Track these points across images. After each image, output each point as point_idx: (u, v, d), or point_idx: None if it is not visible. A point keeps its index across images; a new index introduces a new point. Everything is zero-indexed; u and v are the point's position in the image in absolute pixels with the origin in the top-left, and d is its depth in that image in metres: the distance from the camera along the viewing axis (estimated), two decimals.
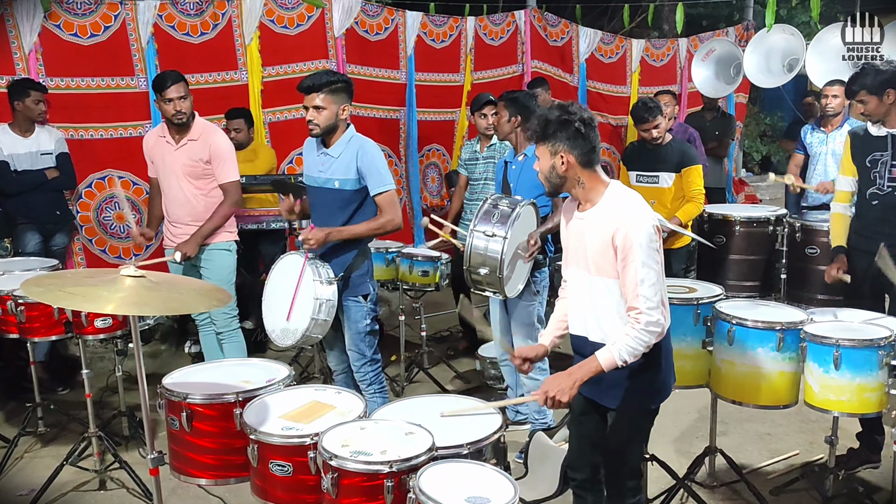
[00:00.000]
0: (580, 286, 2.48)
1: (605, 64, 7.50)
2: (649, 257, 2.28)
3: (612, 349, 2.30)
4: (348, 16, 5.64)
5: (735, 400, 3.14)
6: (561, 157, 2.36)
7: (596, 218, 2.38)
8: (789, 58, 6.57)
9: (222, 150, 4.01)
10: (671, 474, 3.31)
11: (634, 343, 2.28)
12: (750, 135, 11.44)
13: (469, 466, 2.17)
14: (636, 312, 2.28)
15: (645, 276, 2.26)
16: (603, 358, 2.31)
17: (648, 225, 2.29)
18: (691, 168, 4.57)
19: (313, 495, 2.27)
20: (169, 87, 3.84)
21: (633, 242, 2.26)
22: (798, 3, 8.70)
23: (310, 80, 3.30)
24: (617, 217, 2.31)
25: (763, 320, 3.04)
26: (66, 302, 2.32)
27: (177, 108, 3.86)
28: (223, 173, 4.02)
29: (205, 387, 2.65)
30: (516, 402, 3.57)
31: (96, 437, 3.54)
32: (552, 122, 2.36)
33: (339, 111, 3.32)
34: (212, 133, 4.04)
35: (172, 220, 4.10)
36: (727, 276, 5.05)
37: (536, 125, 2.41)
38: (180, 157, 3.98)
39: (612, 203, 2.37)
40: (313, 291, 3.18)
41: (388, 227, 3.36)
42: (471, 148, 5.04)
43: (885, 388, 2.90)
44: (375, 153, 3.36)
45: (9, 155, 4.57)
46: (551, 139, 2.37)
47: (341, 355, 3.59)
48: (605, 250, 2.33)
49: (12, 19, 4.78)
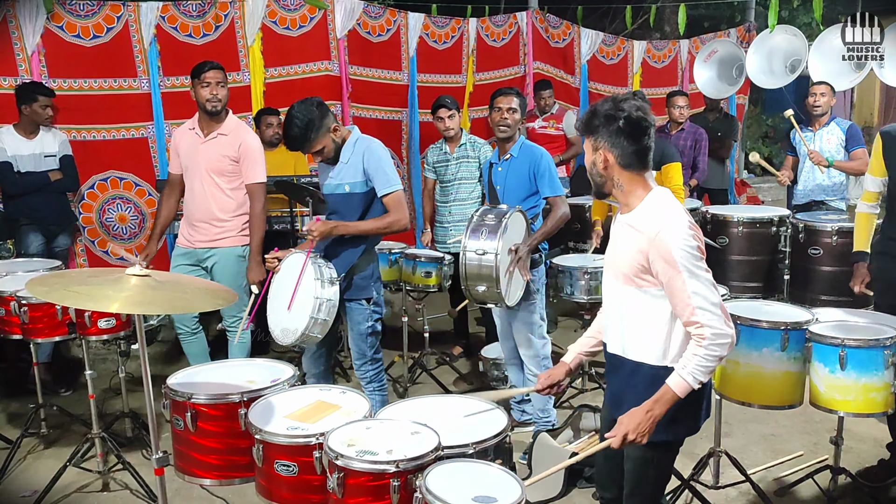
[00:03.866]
0: (612, 297, 2.32)
1: (606, 65, 7.50)
2: (693, 265, 2.08)
3: (683, 373, 2.10)
4: (350, 17, 5.65)
5: (740, 400, 3.13)
6: (601, 153, 2.20)
7: (630, 225, 2.21)
8: (791, 59, 6.57)
9: (253, 150, 3.94)
10: (676, 475, 3.29)
11: (706, 361, 2.08)
12: (752, 136, 11.44)
13: (475, 466, 2.16)
14: (697, 327, 2.09)
15: (695, 288, 2.07)
16: (675, 384, 2.10)
17: (684, 229, 2.10)
18: (670, 165, 4.59)
19: (319, 495, 2.27)
20: (207, 70, 3.82)
21: (672, 251, 2.07)
22: (800, 4, 8.71)
23: (293, 142, 3.27)
24: (649, 226, 2.13)
25: (768, 320, 3.03)
26: (71, 301, 2.31)
27: (213, 93, 3.82)
28: (252, 174, 3.95)
29: (209, 387, 2.64)
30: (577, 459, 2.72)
31: (99, 439, 3.53)
32: (598, 115, 2.19)
33: (332, 136, 3.33)
34: (244, 131, 3.99)
35: (192, 219, 4.00)
36: (730, 277, 5.06)
37: (585, 116, 2.24)
38: (207, 150, 3.91)
39: (647, 211, 2.18)
40: (314, 290, 3.17)
41: (395, 227, 3.35)
42: (439, 150, 5.05)
43: (891, 388, 2.90)
44: (381, 153, 3.36)
45: (12, 156, 4.58)
46: (594, 133, 2.21)
47: (317, 360, 3.56)
48: (633, 259, 2.17)
49: (15, 21, 4.79)
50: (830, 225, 4.80)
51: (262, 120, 5.25)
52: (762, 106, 12.45)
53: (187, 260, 4.01)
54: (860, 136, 5.32)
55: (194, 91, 3.88)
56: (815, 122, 5.37)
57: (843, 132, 5.28)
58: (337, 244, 3.38)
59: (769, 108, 12.45)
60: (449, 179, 4.98)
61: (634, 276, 2.19)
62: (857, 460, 3.71)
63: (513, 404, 4.09)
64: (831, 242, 4.76)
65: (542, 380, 2.53)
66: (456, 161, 4.95)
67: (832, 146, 5.28)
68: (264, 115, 5.26)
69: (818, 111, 5.29)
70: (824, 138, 5.32)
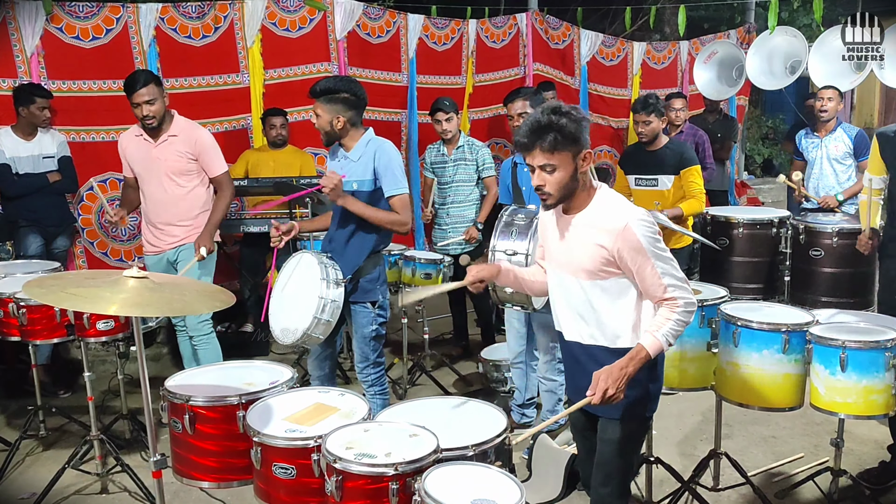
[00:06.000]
0: (570, 293, 2.40)
1: (606, 67, 7.50)
2: (659, 248, 2.25)
3: (658, 334, 2.25)
4: (350, 18, 5.64)
5: (740, 402, 3.12)
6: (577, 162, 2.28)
7: (585, 224, 2.32)
8: (792, 60, 6.56)
9: (208, 144, 3.96)
10: (676, 477, 3.29)
11: (678, 325, 2.26)
12: (752, 138, 11.43)
13: (474, 468, 2.15)
14: (670, 301, 2.26)
15: (664, 269, 2.24)
16: (649, 344, 2.25)
17: (640, 217, 2.25)
18: (690, 168, 4.56)
19: (317, 498, 2.26)
20: (138, 89, 3.74)
21: (641, 240, 2.22)
22: (800, 6, 8.71)
23: (317, 84, 3.31)
24: (611, 221, 2.26)
25: (768, 322, 3.02)
26: (69, 303, 2.31)
27: (144, 114, 3.78)
28: (213, 166, 3.98)
29: (207, 389, 2.63)
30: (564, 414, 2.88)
31: (98, 441, 3.52)
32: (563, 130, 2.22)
33: (332, 121, 3.30)
34: (193, 128, 3.98)
35: (157, 223, 4.02)
36: (730, 279, 5.04)
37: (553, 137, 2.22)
38: (162, 153, 3.91)
39: (603, 207, 2.31)
40: (319, 290, 3.16)
41: (398, 226, 3.35)
42: (437, 151, 5.09)
43: (892, 390, 2.89)
44: (393, 155, 3.35)
45: (11, 158, 4.57)
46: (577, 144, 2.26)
47: (322, 362, 3.55)
48: (596, 255, 2.28)
49: (14, 22, 4.78)
50: (831, 226, 4.79)
51: (266, 121, 5.25)
52: (762, 107, 12.45)
53: (159, 268, 4.02)
54: (869, 143, 5.25)
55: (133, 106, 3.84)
56: (822, 129, 5.33)
57: (851, 140, 5.25)
58: (344, 246, 3.37)
59: (769, 109, 12.46)
60: (447, 181, 4.98)
61: (599, 270, 2.30)
62: (858, 462, 3.70)
63: (513, 406, 4.08)
64: (832, 244, 4.75)
65: (472, 272, 2.59)
66: (454, 163, 4.95)
67: (839, 153, 5.26)
68: (269, 115, 5.27)
69: (825, 116, 5.26)
70: (831, 146, 5.28)
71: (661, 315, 2.28)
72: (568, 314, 2.44)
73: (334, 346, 3.59)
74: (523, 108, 3.94)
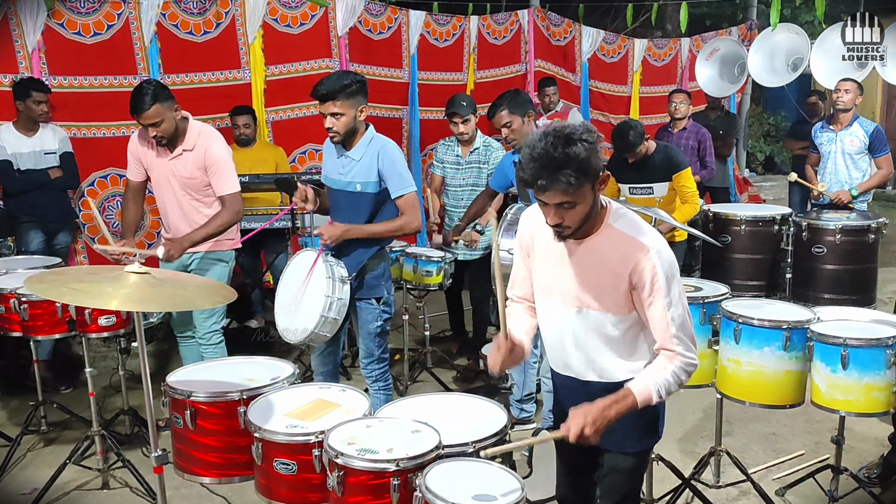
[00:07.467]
0: (563, 322, 2.17)
1: (607, 63, 7.50)
2: (677, 292, 2.02)
3: (650, 383, 2.02)
4: (352, 14, 5.64)
5: (741, 399, 3.12)
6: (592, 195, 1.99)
7: (596, 250, 2.06)
8: (794, 57, 6.56)
9: (219, 160, 3.66)
10: (677, 474, 3.29)
11: (673, 380, 2.03)
12: (753, 135, 11.42)
13: (475, 464, 2.15)
14: (671, 354, 2.04)
15: (675, 315, 2.01)
16: (640, 391, 2.02)
17: (667, 247, 2.03)
18: (682, 173, 4.56)
19: (318, 493, 2.26)
20: (143, 112, 3.47)
21: (658, 274, 1.99)
22: (802, 3, 8.70)
23: (325, 87, 3.11)
24: (630, 247, 2.01)
25: (770, 319, 3.02)
26: (70, 298, 2.30)
27: (154, 134, 3.56)
28: (222, 185, 3.69)
29: (209, 385, 2.63)
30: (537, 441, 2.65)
31: (99, 436, 3.52)
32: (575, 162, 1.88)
33: (356, 114, 3.20)
34: (207, 139, 3.68)
35: (173, 232, 3.80)
36: (732, 276, 5.05)
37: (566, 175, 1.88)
38: (178, 168, 3.69)
39: (620, 233, 2.04)
40: (325, 289, 3.16)
41: (407, 230, 3.30)
42: (451, 150, 4.82)
43: (893, 388, 2.88)
44: (396, 154, 3.28)
45: (12, 154, 4.57)
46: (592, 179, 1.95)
47: (326, 358, 3.54)
48: (611, 285, 2.04)
49: (16, 18, 4.79)
50: (834, 223, 4.79)
51: (231, 120, 5.18)
52: (764, 104, 12.44)
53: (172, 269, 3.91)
54: (885, 139, 5.17)
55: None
56: (837, 122, 5.22)
57: (868, 134, 5.13)
58: (348, 243, 3.34)
59: (771, 106, 12.44)
60: (458, 184, 4.83)
61: (614, 300, 2.07)
62: (859, 460, 3.70)
63: (513, 402, 4.08)
64: (835, 241, 4.75)
65: (496, 360, 2.19)
66: (467, 165, 4.79)
67: (854, 148, 5.14)
68: (234, 115, 5.17)
69: (841, 107, 5.13)
70: (846, 140, 5.17)
71: (658, 363, 2.07)
72: (561, 348, 2.22)
73: (339, 342, 3.59)
74: (509, 117, 3.74)
